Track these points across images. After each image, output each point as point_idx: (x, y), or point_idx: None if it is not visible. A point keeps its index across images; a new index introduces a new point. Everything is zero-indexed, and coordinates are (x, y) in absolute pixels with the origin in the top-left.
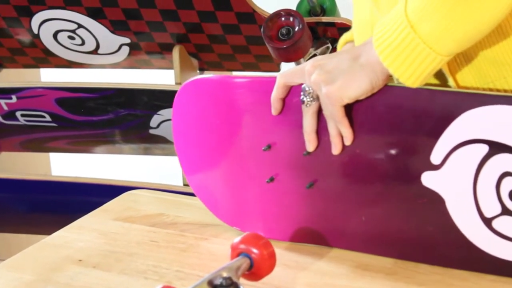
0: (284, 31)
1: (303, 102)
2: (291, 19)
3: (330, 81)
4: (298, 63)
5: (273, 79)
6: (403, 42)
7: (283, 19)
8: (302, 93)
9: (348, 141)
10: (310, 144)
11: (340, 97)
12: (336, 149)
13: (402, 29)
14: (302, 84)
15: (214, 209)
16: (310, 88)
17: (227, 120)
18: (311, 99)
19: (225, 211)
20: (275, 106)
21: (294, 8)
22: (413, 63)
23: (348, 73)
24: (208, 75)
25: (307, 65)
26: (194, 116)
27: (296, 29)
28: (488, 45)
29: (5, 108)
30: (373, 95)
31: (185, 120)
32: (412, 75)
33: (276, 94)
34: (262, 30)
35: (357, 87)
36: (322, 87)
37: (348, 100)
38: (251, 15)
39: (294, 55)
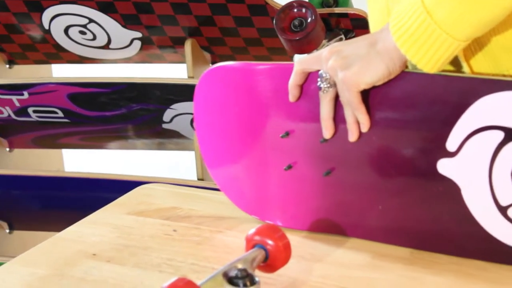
0: (296, 22)
1: (320, 88)
2: (304, 10)
3: (346, 66)
4: None
5: (289, 66)
6: (419, 28)
7: (295, 10)
8: (319, 79)
9: (365, 128)
10: (327, 131)
11: (357, 82)
12: (352, 136)
13: (418, 15)
14: (319, 70)
15: (235, 199)
16: (327, 74)
17: (248, 107)
18: (328, 85)
19: (246, 200)
20: (292, 92)
21: None
22: (430, 49)
23: (365, 59)
24: (228, 62)
25: (324, 51)
26: (215, 105)
27: (309, 20)
28: (502, 32)
29: (17, 104)
30: (389, 81)
31: (206, 110)
32: (430, 61)
33: (293, 81)
34: (274, 22)
35: (374, 73)
36: (338, 72)
37: (364, 85)
38: (263, 7)
39: (307, 47)
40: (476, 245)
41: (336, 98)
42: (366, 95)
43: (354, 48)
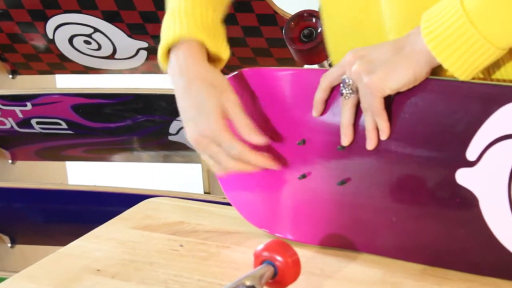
0: (306, 32)
1: (342, 94)
2: (314, 20)
3: (372, 71)
4: (321, 66)
5: (311, 72)
6: (456, 31)
7: (305, 20)
8: (341, 85)
9: (384, 136)
10: (346, 137)
11: (382, 87)
12: (371, 144)
13: (456, 19)
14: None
15: (245, 212)
16: (350, 80)
17: (264, 114)
18: (351, 91)
19: (256, 213)
20: (318, 108)
21: (316, 8)
22: (465, 54)
23: (391, 63)
24: (244, 68)
25: (347, 56)
26: None
27: (319, 30)
28: None
29: (20, 115)
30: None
31: None
32: (462, 66)
33: (320, 97)
34: (283, 32)
35: (400, 78)
36: (363, 77)
37: (389, 91)
38: (272, 17)
39: (317, 57)
40: (492, 260)
41: (357, 105)
42: (387, 102)
43: (379, 53)
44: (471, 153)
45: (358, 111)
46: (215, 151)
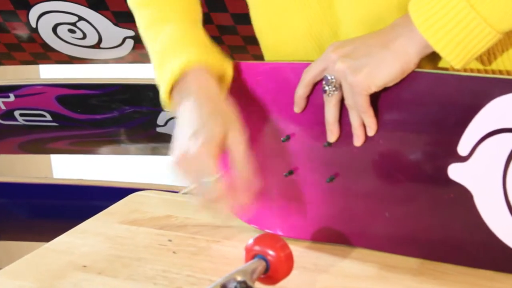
0: None
1: (325, 91)
2: None
3: (357, 69)
4: None
5: (293, 66)
6: (456, 16)
7: None
8: (324, 82)
9: (371, 132)
10: (332, 134)
11: (368, 85)
12: (358, 141)
13: (455, 3)
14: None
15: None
16: (333, 77)
17: (246, 110)
18: (334, 88)
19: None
20: (299, 104)
21: None
22: (464, 40)
23: (377, 59)
24: None
25: (328, 52)
26: None
27: None
28: None
29: (3, 107)
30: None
31: None
32: (461, 53)
33: (302, 92)
34: None
35: (387, 74)
36: (348, 75)
37: (375, 88)
38: None
39: None
40: (488, 254)
41: (341, 101)
42: (374, 97)
43: (364, 49)
44: (462, 148)
45: (342, 106)
46: (193, 175)
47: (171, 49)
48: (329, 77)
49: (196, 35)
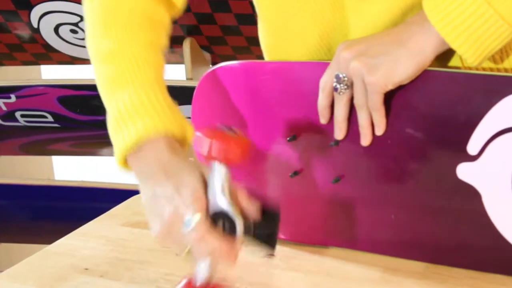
0: None
1: (336, 90)
2: None
3: (373, 67)
4: None
5: (301, 65)
6: (474, 14)
7: None
8: (335, 81)
9: (380, 131)
10: (341, 131)
11: (385, 84)
12: (366, 140)
13: (472, 1)
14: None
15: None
16: (345, 76)
17: (251, 110)
18: (346, 87)
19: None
20: (325, 115)
21: None
22: (481, 37)
23: (394, 58)
24: (230, 62)
25: (341, 51)
26: (216, 109)
27: None
28: None
29: (4, 108)
30: None
31: (206, 114)
32: (477, 50)
33: (325, 103)
34: None
35: (404, 72)
36: (365, 75)
37: (392, 86)
38: None
39: None
40: (497, 257)
41: (350, 100)
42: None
43: (379, 47)
44: (472, 147)
45: (351, 106)
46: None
47: (127, 115)
48: (340, 76)
49: (155, 100)
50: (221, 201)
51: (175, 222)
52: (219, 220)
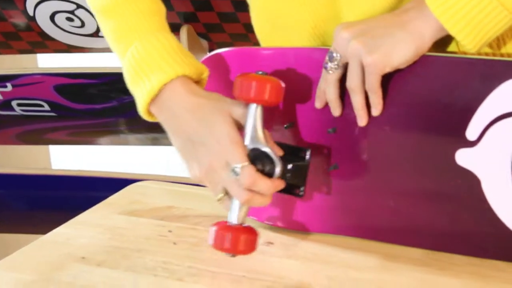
0: None
1: (326, 68)
2: None
3: (373, 48)
4: None
5: (297, 50)
6: (472, 0)
7: None
8: (327, 59)
9: (377, 112)
10: (337, 110)
11: (384, 65)
12: (362, 121)
13: None
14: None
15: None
16: (338, 55)
17: None
18: (336, 66)
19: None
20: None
21: None
22: (480, 23)
23: (394, 40)
24: (227, 48)
25: (339, 31)
26: None
27: None
28: None
29: (0, 97)
30: None
31: None
32: (476, 36)
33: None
34: None
35: (403, 55)
36: (363, 54)
37: (390, 69)
38: None
39: None
40: (497, 244)
41: (339, 80)
42: (382, 80)
43: (380, 28)
44: (471, 133)
45: (344, 90)
46: (226, 179)
47: (146, 65)
48: (334, 54)
49: (168, 45)
50: (261, 143)
51: (214, 167)
52: (257, 161)
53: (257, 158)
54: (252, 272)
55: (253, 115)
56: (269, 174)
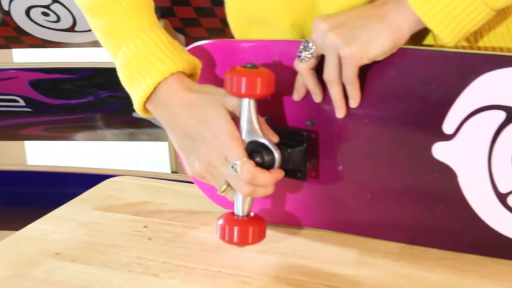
0: None
1: (299, 56)
2: None
3: (350, 40)
4: None
5: (276, 43)
6: None
7: None
8: (302, 47)
9: (355, 103)
10: (318, 96)
11: (360, 57)
12: (341, 113)
13: None
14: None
15: (209, 192)
16: (313, 45)
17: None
18: (310, 55)
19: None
20: (300, 91)
21: None
22: (458, 17)
23: (371, 31)
24: (206, 41)
25: (318, 23)
26: None
27: None
28: None
29: None
30: None
31: None
32: (454, 30)
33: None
34: None
35: (380, 47)
36: (340, 46)
37: (367, 60)
38: None
39: None
40: (473, 237)
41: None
42: (359, 72)
43: (358, 20)
44: (448, 126)
45: (324, 85)
46: (227, 174)
47: (140, 64)
48: (310, 44)
49: (160, 42)
50: (258, 135)
51: (214, 162)
52: (256, 154)
53: (255, 150)
54: (227, 268)
55: (247, 109)
56: (269, 165)
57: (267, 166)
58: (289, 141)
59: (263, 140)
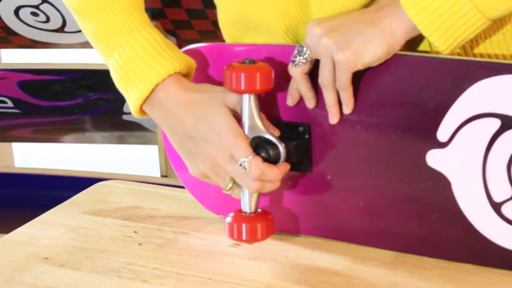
0: None
1: (293, 61)
2: None
3: (344, 45)
4: None
5: (271, 47)
6: (447, 2)
7: None
8: (296, 52)
9: (348, 110)
10: (311, 101)
11: (354, 62)
12: (334, 119)
13: None
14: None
15: (201, 198)
16: (308, 50)
17: None
18: (304, 60)
19: (212, 198)
20: (293, 96)
21: None
22: (453, 26)
23: (365, 37)
24: (198, 44)
25: (312, 28)
26: None
27: None
28: None
29: None
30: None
31: None
32: (449, 39)
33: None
34: None
35: (374, 53)
36: (334, 51)
37: (361, 66)
38: None
39: None
40: (466, 246)
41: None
42: (353, 79)
43: (351, 24)
44: (442, 134)
45: (318, 90)
46: (234, 172)
47: (136, 65)
48: (304, 49)
49: (154, 42)
50: (261, 130)
51: (218, 161)
52: (261, 149)
53: (259, 146)
54: (218, 275)
55: (248, 105)
56: (275, 159)
57: (272, 160)
58: (292, 133)
59: (267, 135)
